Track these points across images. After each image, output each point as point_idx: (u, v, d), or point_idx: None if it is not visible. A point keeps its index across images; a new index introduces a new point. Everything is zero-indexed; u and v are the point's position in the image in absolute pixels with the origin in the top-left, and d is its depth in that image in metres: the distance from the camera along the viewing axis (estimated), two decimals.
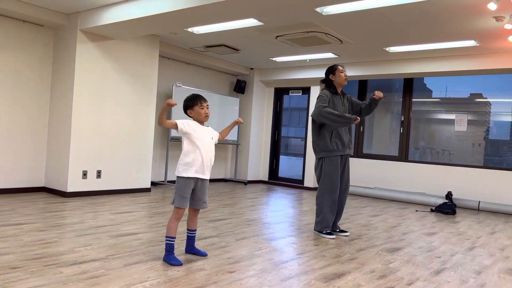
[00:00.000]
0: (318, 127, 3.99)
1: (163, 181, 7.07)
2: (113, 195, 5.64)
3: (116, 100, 5.73)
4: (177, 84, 6.85)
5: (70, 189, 5.27)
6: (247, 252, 3.24)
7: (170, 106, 2.74)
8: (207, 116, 2.93)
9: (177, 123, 2.84)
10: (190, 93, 3.01)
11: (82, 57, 5.33)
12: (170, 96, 7.00)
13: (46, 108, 5.60)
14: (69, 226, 3.74)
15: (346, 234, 4.07)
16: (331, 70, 4.08)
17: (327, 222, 3.96)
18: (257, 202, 5.91)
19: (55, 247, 3.05)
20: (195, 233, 3.08)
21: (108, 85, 5.63)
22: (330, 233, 3.95)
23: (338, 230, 4.11)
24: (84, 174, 5.41)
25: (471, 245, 3.96)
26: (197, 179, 2.88)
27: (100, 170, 5.59)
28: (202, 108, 2.90)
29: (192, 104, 2.90)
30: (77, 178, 5.34)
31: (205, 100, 2.93)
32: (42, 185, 5.59)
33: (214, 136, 3.01)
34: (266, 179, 8.70)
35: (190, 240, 3.08)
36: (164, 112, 2.75)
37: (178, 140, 6.96)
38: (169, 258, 2.83)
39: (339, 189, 4.00)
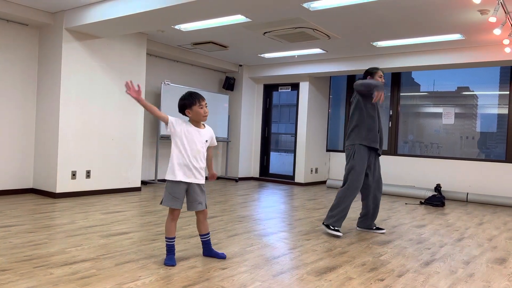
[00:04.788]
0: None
1: (153, 180, 7.04)
2: (103, 195, 5.60)
3: (104, 99, 5.68)
4: (166, 82, 6.81)
5: (59, 190, 5.22)
6: (239, 248, 3.24)
7: (132, 90, 2.55)
8: (206, 116, 2.70)
9: (169, 120, 2.65)
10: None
11: (68, 56, 5.27)
12: (159, 94, 6.96)
13: (33, 108, 5.53)
14: (58, 227, 3.70)
15: (383, 231, 4.06)
16: (371, 73, 4.15)
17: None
18: (249, 199, 5.91)
19: (45, 248, 3.02)
20: (208, 237, 2.92)
21: (96, 84, 5.57)
22: (338, 230, 3.81)
23: (374, 227, 4.09)
24: (73, 175, 5.36)
25: (460, 236, 4.02)
26: (187, 182, 2.72)
27: (90, 170, 5.54)
28: (202, 108, 2.68)
29: (190, 103, 2.67)
30: (66, 178, 5.29)
31: (203, 99, 2.70)
32: (31, 187, 5.53)
33: (209, 139, 2.79)
34: (257, 176, 8.71)
35: (205, 244, 2.93)
36: (143, 104, 2.58)
37: (167, 138, 6.93)
38: (166, 259, 2.76)
39: None
